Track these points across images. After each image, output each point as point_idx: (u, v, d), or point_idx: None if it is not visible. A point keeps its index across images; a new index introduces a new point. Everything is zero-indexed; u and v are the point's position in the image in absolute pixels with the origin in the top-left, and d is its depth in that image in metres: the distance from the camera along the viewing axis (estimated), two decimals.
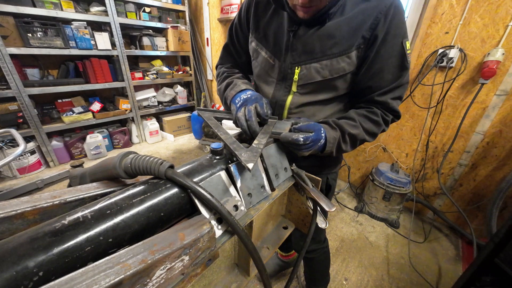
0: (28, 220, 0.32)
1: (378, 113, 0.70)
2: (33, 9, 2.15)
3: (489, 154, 1.66)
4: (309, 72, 0.70)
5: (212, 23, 3.26)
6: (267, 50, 0.77)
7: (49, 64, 2.63)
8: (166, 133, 3.54)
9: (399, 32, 0.64)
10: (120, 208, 0.32)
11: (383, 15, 0.62)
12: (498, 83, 1.51)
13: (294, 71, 0.72)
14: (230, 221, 0.37)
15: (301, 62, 0.70)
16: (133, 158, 0.38)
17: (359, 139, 0.69)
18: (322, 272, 1.23)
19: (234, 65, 0.94)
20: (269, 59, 0.77)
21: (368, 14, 0.63)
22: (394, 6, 0.62)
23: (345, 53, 0.66)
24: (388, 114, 0.71)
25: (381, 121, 0.70)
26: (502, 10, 1.41)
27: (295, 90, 0.75)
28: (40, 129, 2.43)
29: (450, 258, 1.69)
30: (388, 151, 2.18)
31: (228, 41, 0.92)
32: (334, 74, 0.69)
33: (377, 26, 0.62)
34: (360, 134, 0.68)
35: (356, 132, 0.68)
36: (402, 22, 0.64)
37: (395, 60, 0.65)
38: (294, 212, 0.69)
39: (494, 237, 0.82)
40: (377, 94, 0.69)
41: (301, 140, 0.56)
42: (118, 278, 0.24)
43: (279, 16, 0.73)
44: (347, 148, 0.70)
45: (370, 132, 0.70)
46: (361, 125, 0.69)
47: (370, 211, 2.06)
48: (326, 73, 0.69)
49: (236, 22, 0.86)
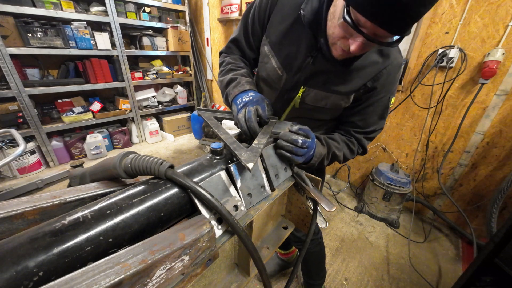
0: (28, 220, 0.32)
1: (355, 143, 0.80)
2: (33, 9, 2.15)
3: (489, 154, 1.66)
4: (312, 95, 0.76)
5: (212, 23, 3.26)
6: (277, 60, 0.76)
7: (49, 64, 2.63)
8: (166, 133, 3.54)
9: (391, 88, 0.74)
10: (120, 208, 0.32)
11: (387, 71, 0.70)
12: (498, 83, 1.51)
13: (299, 90, 0.76)
14: (230, 221, 0.37)
15: (307, 85, 0.75)
16: (133, 158, 0.38)
17: (337, 160, 0.79)
18: (318, 265, 1.23)
19: (240, 58, 0.89)
20: (278, 69, 0.77)
21: (376, 67, 0.69)
22: (396, 66, 0.71)
23: (347, 94, 0.73)
24: (359, 147, 0.82)
25: (355, 150, 0.81)
26: (502, 10, 1.41)
27: (297, 106, 0.79)
28: (40, 129, 2.43)
29: (450, 258, 1.69)
30: (388, 151, 2.18)
31: (240, 34, 0.85)
32: (333, 106, 0.77)
33: (379, 80, 0.70)
34: (340, 156, 0.77)
35: (338, 154, 0.76)
36: (396, 80, 0.75)
37: (379, 109, 0.76)
38: (294, 212, 0.69)
39: (494, 237, 0.83)
40: (355, 131, 0.80)
41: (300, 142, 0.56)
42: (118, 278, 0.24)
43: (298, 29, 0.71)
44: (325, 164, 0.77)
45: (346, 156, 0.80)
46: (342, 149, 0.78)
47: (370, 211, 2.06)
48: (326, 103, 0.76)
49: (255, 13, 0.79)
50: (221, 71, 0.86)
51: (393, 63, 0.70)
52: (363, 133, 0.80)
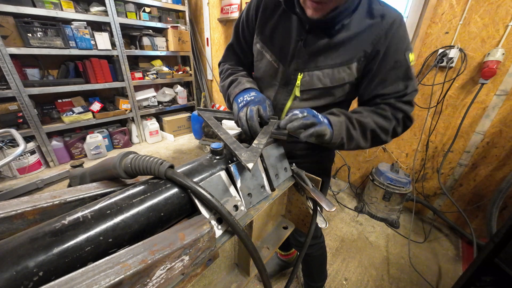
0: (28, 220, 0.32)
1: (386, 108, 0.69)
2: (33, 9, 2.15)
3: (489, 154, 1.66)
4: (311, 79, 0.72)
5: (212, 23, 3.26)
6: (272, 54, 0.77)
7: (49, 64, 2.63)
8: (166, 133, 3.54)
9: (400, 46, 0.67)
10: (120, 208, 0.32)
11: (384, 32, 0.65)
12: (498, 83, 1.51)
13: (297, 77, 0.74)
14: (230, 221, 0.37)
15: (305, 69, 0.72)
16: (133, 158, 0.38)
17: (369, 129, 0.67)
18: (319, 268, 1.23)
19: (238, 63, 0.94)
20: (273, 63, 0.78)
21: (371, 30, 0.66)
22: (395, 23, 0.65)
23: (346, 64, 0.69)
24: (397, 112, 0.69)
25: (391, 116, 0.68)
26: (502, 10, 1.41)
27: (298, 94, 0.76)
28: (40, 129, 2.43)
29: (450, 258, 1.69)
30: (388, 151, 2.18)
31: (234, 41, 0.91)
32: (335, 83, 0.71)
33: (378, 42, 0.66)
34: (370, 123, 0.66)
35: (365, 121, 0.66)
36: (404, 37, 0.67)
37: (398, 72, 0.67)
38: (294, 212, 0.69)
39: (494, 237, 0.82)
40: (383, 98, 0.70)
41: (298, 113, 0.57)
42: (118, 278, 0.24)
43: (287, 21, 0.74)
44: (358, 136, 0.66)
45: (380, 125, 0.67)
46: (369, 117, 0.67)
47: (370, 211, 2.06)
48: (327, 81, 0.71)
49: (243, 21, 0.85)
50: (221, 78, 0.89)
51: (391, 20, 0.65)
52: (393, 97, 0.69)
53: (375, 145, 0.73)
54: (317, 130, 0.57)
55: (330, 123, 0.62)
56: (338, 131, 0.62)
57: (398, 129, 0.71)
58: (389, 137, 0.71)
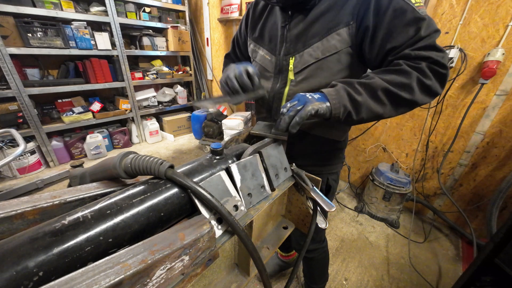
0: (28, 220, 0.32)
1: (400, 62, 0.57)
2: (33, 9, 2.15)
3: (489, 154, 1.66)
4: (302, 58, 0.71)
5: (212, 23, 3.26)
6: (263, 48, 0.82)
7: (49, 64, 2.63)
8: (166, 133, 3.54)
9: None
10: (120, 208, 0.32)
11: None
12: (498, 83, 1.51)
13: (289, 62, 0.74)
14: (230, 221, 0.37)
15: (295, 52, 0.72)
16: (133, 158, 0.38)
17: (380, 88, 0.55)
18: (321, 271, 1.24)
19: None
20: (266, 55, 0.81)
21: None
22: None
23: (333, 30, 0.65)
24: (417, 61, 0.55)
25: (407, 68, 0.55)
26: (502, 10, 1.41)
27: (292, 77, 0.75)
28: (40, 129, 2.43)
29: (450, 258, 1.69)
30: (388, 151, 2.18)
31: (231, 51, 1.03)
32: (326, 53, 0.67)
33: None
34: (378, 82, 0.55)
35: (371, 81, 0.56)
36: None
37: (402, 18, 0.56)
38: (294, 212, 0.69)
39: (494, 237, 0.82)
40: (393, 55, 0.59)
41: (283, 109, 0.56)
42: (118, 278, 0.24)
43: (272, 16, 0.79)
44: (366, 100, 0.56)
45: (395, 82, 0.55)
46: (377, 76, 0.57)
47: (370, 211, 2.06)
48: (318, 53, 0.68)
49: (237, 33, 0.96)
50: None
51: None
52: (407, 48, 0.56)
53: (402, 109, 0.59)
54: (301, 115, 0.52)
55: (324, 95, 0.57)
56: (336, 100, 0.55)
57: (427, 81, 0.55)
58: (417, 94, 0.56)
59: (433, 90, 0.56)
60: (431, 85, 0.56)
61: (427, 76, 0.55)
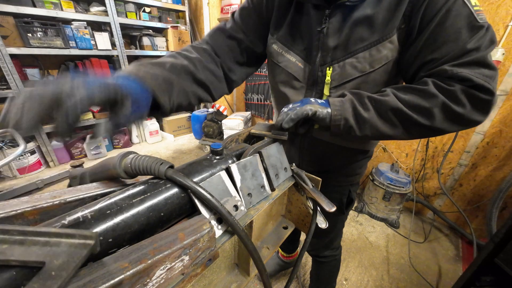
0: (28, 220, 0.32)
1: (427, 81, 0.49)
2: (33, 9, 2.15)
3: (489, 154, 1.66)
4: (344, 70, 0.60)
5: (212, 23, 3.26)
6: (294, 53, 0.68)
7: (49, 64, 2.63)
8: (166, 133, 3.54)
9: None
10: (120, 208, 0.32)
11: None
12: (498, 83, 1.51)
13: (326, 73, 0.62)
14: (230, 221, 0.37)
15: (333, 61, 0.61)
16: (133, 158, 0.38)
17: (390, 108, 0.49)
18: (329, 278, 1.20)
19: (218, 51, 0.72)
20: (298, 63, 0.68)
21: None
22: None
23: (387, 38, 0.53)
24: (450, 82, 0.47)
25: (433, 90, 0.47)
26: (502, 10, 1.41)
27: (327, 93, 0.64)
28: (40, 129, 2.42)
29: (450, 258, 1.69)
30: (388, 151, 2.18)
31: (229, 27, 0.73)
32: (376, 65, 0.56)
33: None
34: (390, 100, 0.49)
35: (383, 98, 0.50)
36: None
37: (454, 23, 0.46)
38: (294, 212, 0.69)
39: (494, 237, 0.83)
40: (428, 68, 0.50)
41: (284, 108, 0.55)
42: (118, 278, 0.24)
43: (303, 16, 0.65)
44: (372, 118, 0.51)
45: (411, 103, 0.48)
46: (392, 93, 0.51)
47: (370, 211, 2.06)
48: (365, 66, 0.57)
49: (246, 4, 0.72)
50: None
51: None
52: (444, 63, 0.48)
53: (418, 134, 0.53)
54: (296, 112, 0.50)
55: (328, 103, 0.53)
56: (338, 111, 0.51)
57: (457, 109, 0.46)
58: (438, 121, 0.48)
59: (465, 119, 0.47)
60: (463, 113, 0.47)
61: (459, 102, 0.46)
